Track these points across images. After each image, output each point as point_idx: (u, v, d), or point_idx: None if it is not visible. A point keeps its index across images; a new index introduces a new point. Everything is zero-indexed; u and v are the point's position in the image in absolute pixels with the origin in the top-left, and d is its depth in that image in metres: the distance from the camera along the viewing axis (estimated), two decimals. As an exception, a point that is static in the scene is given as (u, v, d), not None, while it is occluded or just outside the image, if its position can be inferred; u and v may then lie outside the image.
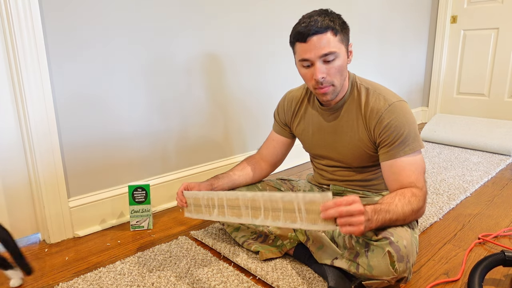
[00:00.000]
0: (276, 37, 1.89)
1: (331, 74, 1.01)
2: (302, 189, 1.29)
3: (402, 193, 0.95)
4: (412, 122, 1.04)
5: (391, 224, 0.91)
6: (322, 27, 0.98)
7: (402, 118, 1.02)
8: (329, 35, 0.98)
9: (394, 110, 1.03)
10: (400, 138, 1.01)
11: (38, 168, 1.22)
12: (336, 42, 0.99)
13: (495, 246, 1.20)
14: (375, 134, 1.06)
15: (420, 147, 1.03)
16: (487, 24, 2.81)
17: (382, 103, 1.05)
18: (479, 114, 2.96)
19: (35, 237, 1.33)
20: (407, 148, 1.01)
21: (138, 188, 1.33)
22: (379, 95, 1.07)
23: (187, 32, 1.53)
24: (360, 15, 2.38)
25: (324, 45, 0.98)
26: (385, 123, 1.03)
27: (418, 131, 1.05)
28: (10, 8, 1.09)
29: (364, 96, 1.08)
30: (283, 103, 1.27)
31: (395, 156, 1.02)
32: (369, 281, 0.90)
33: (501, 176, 1.85)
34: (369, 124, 1.06)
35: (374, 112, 1.05)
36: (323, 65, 1.00)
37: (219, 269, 1.08)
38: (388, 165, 1.04)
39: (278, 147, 1.31)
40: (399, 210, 0.91)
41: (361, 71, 2.46)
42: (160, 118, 1.52)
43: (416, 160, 1.02)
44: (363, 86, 1.10)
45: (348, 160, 1.15)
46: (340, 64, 1.01)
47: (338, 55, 1.00)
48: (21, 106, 1.18)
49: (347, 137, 1.12)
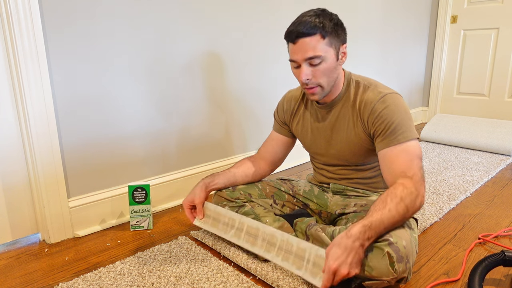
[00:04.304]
0: (277, 37, 1.89)
1: (317, 76, 1.04)
2: (302, 189, 1.30)
3: (393, 192, 0.94)
4: (404, 112, 1.04)
5: (391, 228, 0.91)
6: (310, 29, 0.99)
7: (394, 108, 1.03)
8: (316, 38, 1.00)
9: (386, 100, 1.04)
10: (392, 126, 1.02)
11: (38, 168, 1.22)
12: (323, 46, 1.00)
13: (495, 246, 1.20)
14: (369, 125, 1.07)
15: (414, 135, 1.02)
16: (487, 24, 2.80)
17: (375, 94, 1.06)
18: (479, 114, 2.96)
19: (35, 237, 1.33)
20: (400, 136, 1.01)
21: (138, 188, 1.33)
22: (373, 88, 1.08)
23: (187, 31, 1.53)
24: (360, 15, 2.38)
25: (310, 49, 1.00)
26: (377, 113, 1.04)
27: (412, 123, 1.04)
28: (10, 8, 1.09)
29: (358, 90, 1.10)
30: (283, 103, 1.29)
31: (389, 144, 1.02)
32: (369, 282, 0.90)
33: (501, 176, 1.85)
34: (363, 116, 1.08)
35: (367, 104, 1.06)
36: (309, 67, 1.03)
37: (219, 269, 1.08)
38: (382, 155, 1.04)
39: (278, 146, 1.31)
40: (393, 213, 0.89)
41: (361, 71, 2.46)
42: (160, 118, 1.52)
43: (409, 146, 1.01)
44: (357, 82, 1.12)
45: (346, 156, 1.16)
46: (327, 67, 1.03)
47: (325, 58, 1.02)
48: (21, 106, 1.18)
49: (344, 133, 1.13)
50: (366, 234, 0.86)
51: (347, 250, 0.84)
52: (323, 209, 1.26)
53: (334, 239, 0.87)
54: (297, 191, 1.29)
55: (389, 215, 0.89)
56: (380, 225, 0.88)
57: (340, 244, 0.84)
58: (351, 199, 1.20)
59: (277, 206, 1.27)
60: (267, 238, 1.05)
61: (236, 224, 1.14)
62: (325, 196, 1.27)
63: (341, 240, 0.85)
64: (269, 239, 1.05)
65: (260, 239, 1.07)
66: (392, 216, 0.89)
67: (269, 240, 1.05)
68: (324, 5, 2.08)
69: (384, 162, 1.04)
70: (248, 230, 1.10)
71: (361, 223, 0.87)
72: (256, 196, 1.25)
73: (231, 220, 1.16)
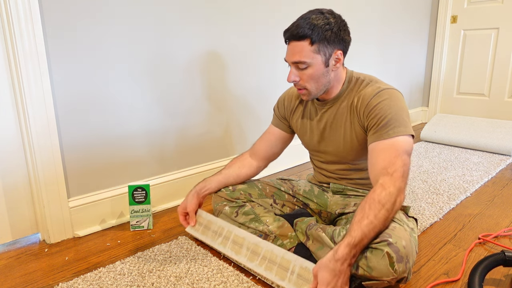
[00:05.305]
0: (277, 36, 1.89)
1: (303, 80, 1.06)
2: (302, 188, 1.30)
3: (372, 198, 0.91)
4: (400, 108, 1.02)
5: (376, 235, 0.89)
6: (299, 34, 1.00)
7: (389, 102, 1.02)
8: (304, 43, 1.01)
9: (383, 94, 1.04)
10: (384, 120, 1.00)
11: (38, 168, 1.22)
12: (309, 52, 1.01)
13: (495, 246, 1.20)
14: (363, 118, 1.06)
15: (406, 131, 1.00)
16: (487, 24, 2.80)
17: (373, 89, 1.06)
18: (479, 114, 2.96)
19: (35, 237, 1.33)
20: (391, 131, 0.99)
21: (138, 188, 1.33)
22: (372, 84, 1.08)
23: (187, 31, 1.53)
24: (360, 15, 2.38)
25: (296, 53, 1.02)
26: (372, 106, 1.04)
27: (407, 119, 1.02)
28: (10, 8, 1.09)
29: (358, 87, 1.10)
30: (283, 98, 1.29)
31: (379, 138, 1.01)
32: (369, 282, 0.90)
33: (501, 176, 1.85)
34: (359, 111, 1.08)
35: (365, 98, 1.06)
36: (296, 70, 1.05)
37: (219, 269, 1.08)
38: (370, 149, 1.03)
39: (275, 141, 1.31)
40: (375, 223, 0.88)
41: (361, 71, 2.46)
42: (160, 118, 1.52)
43: (398, 141, 0.98)
44: (358, 79, 1.12)
45: (343, 153, 1.16)
46: (312, 72, 1.04)
47: (311, 64, 1.03)
48: (21, 106, 1.18)
49: (342, 130, 1.14)
50: (352, 252, 0.86)
51: (336, 275, 0.84)
52: (323, 208, 1.26)
53: (321, 260, 0.87)
54: (297, 191, 1.29)
55: (371, 227, 0.87)
56: (364, 239, 0.87)
57: (329, 267, 0.85)
58: (351, 199, 1.20)
59: (277, 206, 1.27)
60: (251, 248, 1.06)
61: (224, 233, 1.15)
62: (325, 196, 1.27)
63: (329, 264, 0.85)
64: (253, 249, 1.06)
65: (245, 248, 1.07)
66: (374, 227, 0.88)
67: (253, 250, 1.05)
68: (323, 5, 2.08)
69: (370, 156, 1.02)
70: (234, 239, 1.12)
71: (345, 242, 0.86)
72: (256, 196, 1.25)
73: (220, 229, 1.17)
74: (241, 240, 1.10)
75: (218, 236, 1.16)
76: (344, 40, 1.05)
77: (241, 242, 1.09)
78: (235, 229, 1.14)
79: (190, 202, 1.24)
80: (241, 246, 1.09)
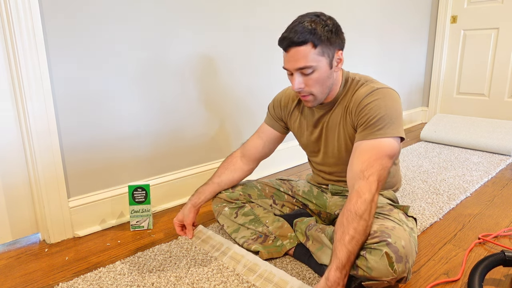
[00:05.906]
0: (274, 38, 1.89)
1: (309, 85, 1.02)
2: (301, 189, 1.30)
3: (349, 210, 0.89)
4: (392, 109, 0.99)
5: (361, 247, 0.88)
6: (300, 39, 0.97)
7: (381, 102, 1.00)
8: (307, 48, 0.97)
9: (376, 94, 1.01)
10: (373, 119, 0.98)
11: (38, 168, 1.22)
12: (314, 55, 0.98)
13: (495, 246, 1.20)
14: (354, 118, 1.05)
15: (394, 133, 0.97)
16: (487, 24, 2.80)
17: (367, 89, 1.04)
18: (479, 114, 2.96)
19: (35, 237, 1.33)
20: (378, 131, 0.97)
21: (138, 188, 1.33)
22: (367, 83, 1.07)
23: (186, 33, 1.53)
24: (360, 15, 2.38)
25: (301, 58, 0.98)
26: (363, 106, 1.02)
27: (400, 120, 0.99)
28: (10, 8, 1.09)
29: (354, 88, 1.09)
30: (280, 99, 1.27)
31: (364, 137, 0.98)
32: (368, 282, 0.90)
33: (501, 176, 1.85)
34: (351, 111, 1.06)
35: (358, 97, 1.05)
36: (301, 76, 1.01)
37: (219, 269, 1.08)
38: (354, 149, 1.01)
39: (267, 140, 1.29)
40: (357, 238, 0.86)
41: (361, 72, 2.46)
42: (160, 118, 1.52)
43: (382, 143, 0.95)
44: (354, 80, 1.10)
45: (340, 155, 1.15)
46: (318, 76, 1.01)
47: (316, 68, 0.99)
48: (21, 106, 1.18)
49: (337, 132, 1.13)
50: (343, 273, 0.85)
51: None
52: (322, 209, 1.26)
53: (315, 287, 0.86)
54: (297, 192, 1.29)
55: (354, 242, 0.86)
56: (350, 256, 0.86)
57: None
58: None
59: (276, 206, 1.27)
60: (248, 265, 1.06)
61: (222, 249, 1.15)
62: (324, 197, 1.27)
63: None
64: (250, 266, 1.05)
65: (241, 265, 1.07)
66: (356, 241, 0.86)
67: (250, 267, 1.05)
68: (323, 5, 2.08)
69: (352, 155, 1.00)
70: (232, 255, 1.12)
71: (334, 266, 0.85)
72: (256, 197, 1.25)
73: (218, 244, 1.18)
74: (239, 257, 1.10)
75: (216, 250, 1.16)
76: (342, 40, 1.05)
77: (239, 259, 1.09)
78: (235, 247, 1.14)
79: (187, 216, 1.25)
80: (238, 262, 1.09)
